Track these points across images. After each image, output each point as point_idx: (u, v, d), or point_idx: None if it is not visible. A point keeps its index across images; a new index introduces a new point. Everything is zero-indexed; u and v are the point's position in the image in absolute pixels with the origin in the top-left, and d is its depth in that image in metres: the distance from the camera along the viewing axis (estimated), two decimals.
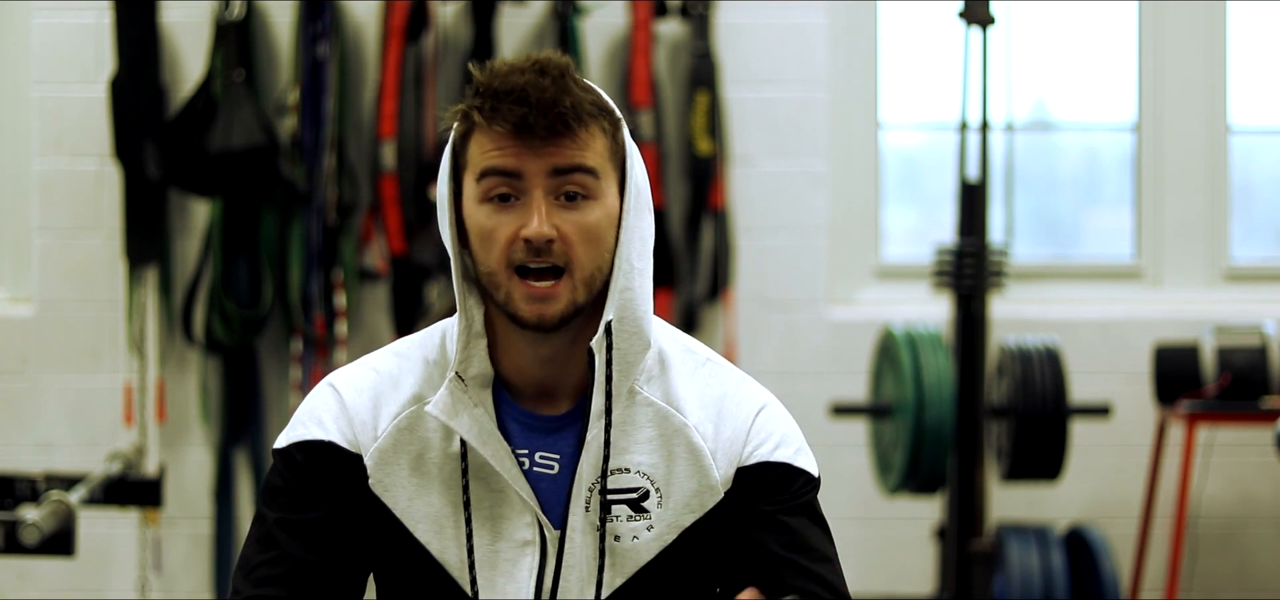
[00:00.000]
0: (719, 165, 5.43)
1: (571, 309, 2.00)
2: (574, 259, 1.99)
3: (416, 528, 2.07)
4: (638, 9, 5.40)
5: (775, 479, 2.08)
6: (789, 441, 2.11)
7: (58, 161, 5.48)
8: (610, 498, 2.06)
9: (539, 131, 1.98)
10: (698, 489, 2.07)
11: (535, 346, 2.04)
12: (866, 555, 5.46)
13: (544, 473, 2.07)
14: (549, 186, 1.99)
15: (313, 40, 5.30)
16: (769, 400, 2.14)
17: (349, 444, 2.07)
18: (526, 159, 1.99)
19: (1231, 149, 5.84)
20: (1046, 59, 5.90)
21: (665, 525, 2.07)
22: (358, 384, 2.10)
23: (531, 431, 2.07)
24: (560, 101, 1.99)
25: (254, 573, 2.05)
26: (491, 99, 2.00)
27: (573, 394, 2.07)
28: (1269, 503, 5.69)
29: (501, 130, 1.99)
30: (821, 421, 5.25)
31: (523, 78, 1.99)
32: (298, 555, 2.04)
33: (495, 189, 2.00)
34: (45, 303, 5.50)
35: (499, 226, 2.00)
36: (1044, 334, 5.21)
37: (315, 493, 2.06)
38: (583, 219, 2.00)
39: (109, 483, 4.71)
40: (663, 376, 2.09)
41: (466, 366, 2.05)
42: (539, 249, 1.98)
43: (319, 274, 5.28)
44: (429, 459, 2.07)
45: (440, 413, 2.03)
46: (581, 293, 2.01)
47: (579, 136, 2.00)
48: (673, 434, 2.08)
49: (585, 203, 2.00)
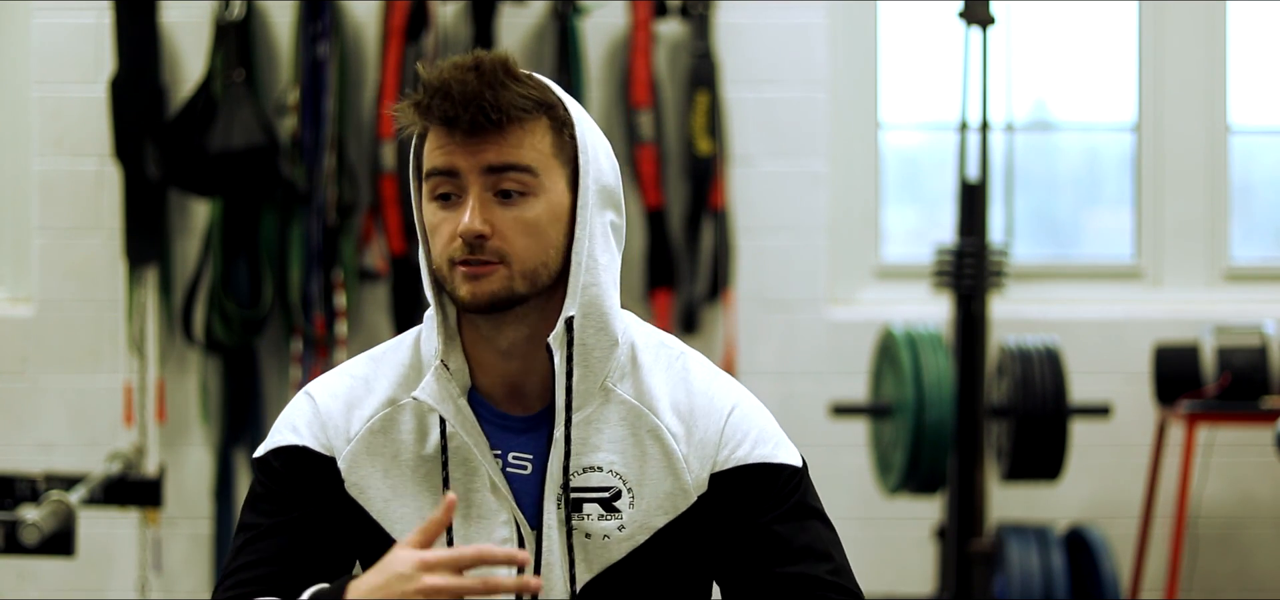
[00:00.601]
0: (719, 165, 5.43)
1: (507, 293, 2.00)
2: (511, 252, 2.00)
3: (393, 528, 2.08)
4: (638, 9, 5.40)
5: (759, 483, 2.07)
6: (765, 437, 2.10)
7: (58, 161, 5.48)
8: (581, 496, 2.06)
9: (463, 127, 1.99)
10: (670, 491, 2.07)
11: (494, 338, 2.05)
12: (866, 555, 5.46)
13: (517, 472, 2.07)
14: (485, 184, 2.00)
15: (313, 40, 5.29)
16: (741, 397, 2.12)
17: (322, 448, 2.09)
18: (461, 157, 2.00)
19: (1231, 149, 5.84)
20: (1046, 59, 5.90)
21: (636, 525, 2.06)
22: (332, 389, 2.12)
23: (504, 431, 2.08)
24: (484, 96, 1.98)
25: (234, 576, 2.06)
26: (427, 95, 2.01)
27: (542, 394, 2.08)
28: (1269, 503, 5.69)
29: (440, 129, 2.01)
30: (821, 421, 5.25)
31: (452, 74, 2.00)
32: (276, 558, 2.05)
33: (439, 188, 2.02)
34: (45, 303, 5.49)
35: (442, 224, 2.02)
36: (1044, 334, 5.21)
37: (291, 497, 2.08)
38: (520, 214, 2.00)
39: (109, 483, 4.71)
40: (634, 373, 2.09)
41: (447, 355, 2.06)
42: (472, 245, 1.99)
43: (319, 274, 5.28)
44: (403, 460, 2.08)
45: (430, 398, 2.04)
46: (520, 283, 2.01)
47: (511, 133, 2.00)
48: (645, 433, 2.08)
49: (523, 199, 2.01)
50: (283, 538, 2.06)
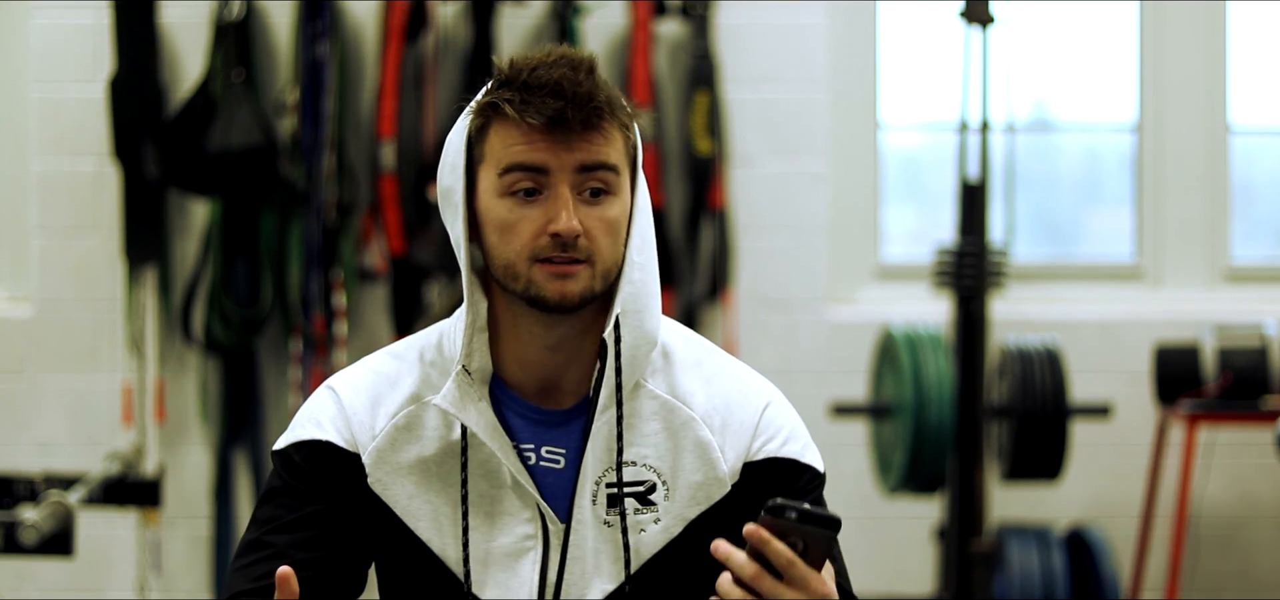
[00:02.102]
0: (719, 165, 5.43)
1: (589, 293, 2.01)
2: (597, 252, 2.01)
3: (417, 525, 2.07)
4: (638, 9, 5.40)
5: (784, 476, 2.09)
6: (796, 436, 2.13)
7: (57, 161, 5.48)
8: (617, 491, 2.06)
9: (574, 126, 1.98)
10: (704, 481, 2.08)
11: (544, 335, 2.04)
12: (866, 555, 5.46)
13: (550, 467, 2.07)
14: (575, 183, 2.00)
15: (312, 40, 5.29)
16: (775, 394, 2.15)
17: (346, 443, 2.08)
18: (555, 153, 1.99)
19: (1232, 149, 5.84)
20: (1046, 59, 5.90)
21: (672, 518, 2.07)
22: (355, 384, 2.11)
23: (537, 425, 2.07)
24: (596, 96, 1.99)
25: (250, 569, 2.04)
26: (523, 92, 1.99)
27: (575, 391, 2.08)
28: (1269, 503, 5.69)
29: (534, 123, 1.99)
30: (821, 421, 5.24)
31: (557, 71, 1.99)
32: (294, 553, 2.04)
33: (520, 183, 2.00)
34: (44, 302, 5.49)
35: (522, 220, 2.00)
36: (1044, 334, 5.21)
37: (313, 491, 2.07)
38: (605, 213, 2.01)
39: (108, 483, 4.71)
40: (667, 370, 2.10)
41: (470, 360, 2.05)
42: (566, 243, 1.98)
43: (318, 274, 5.28)
44: (428, 456, 2.07)
45: (449, 405, 2.03)
46: (599, 283, 2.01)
47: (607, 133, 2.01)
48: (679, 427, 2.08)
49: (607, 198, 2.01)
50: (300, 532, 2.05)
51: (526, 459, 2.07)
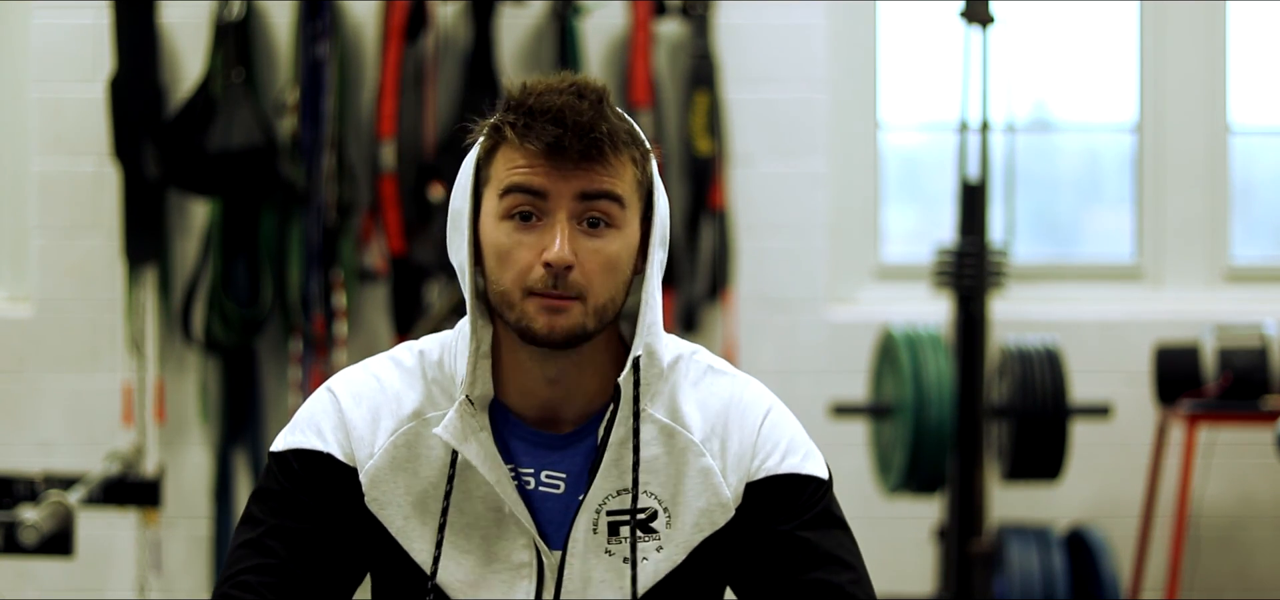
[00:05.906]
0: (719, 165, 5.43)
1: (580, 331, 1.98)
2: (590, 289, 1.98)
3: (411, 545, 2.06)
4: (638, 9, 5.40)
5: (787, 492, 2.07)
6: (796, 447, 2.10)
7: (56, 161, 5.48)
8: (618, 520, 2.05)
9: (572, 154, 1.96)
10: (707, 507, 2.06)
11: (543, 367, 2.03)
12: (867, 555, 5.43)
13: (550, 491, 2.06)
14: (573, 211, 1.97)
15: (312, 40, 5.29)
16: (772, 404, 2.12)
17: (345, 457, 2.06)
18: (554, 180, 1.97)
19: (1232, 149, 5.84)
20: (1046, 59, 5.90)
21: (675, 545, 2.05)
22: (356, 392, 2.08)
23: (537, 448, 2.06)
24: (597, 126, 1.97)
25: (242, 576, 2.03)
26: (526, 116, 1.98)
27: (576, 420, 2.06)
28: (1269, 503, 5.69)
29: (533, 148, 1.97)
30: (821, 421, 5.24)
31: (560, 98, 1.97)
32: (287, 562, 2.03)
33: (518, 206, 1.98)
34: (44, 302, 5.49)
35: (517, 247, 1.98)
36: (1044, 334, 5.21)
37: (309, 503, 2.05)
38: (603, 248, 1.98)
39: (108, 483, 4.70)
40: (666, 391, 2.08)
41: (472, 387, 2.03)
42: (557, 275, 1.96)
43: (318, 274, 5.28)
44: (425, 477, 2.06)
45: (451, 437, 2.02)
46: (592, 321, 1.99)
47: (611, 163, 1.98)
48: (680, 453, 2.06)
49: (607, 231, 1.99)
50: (292, 543, 2.03)
51: (525, 483, 2.05)
